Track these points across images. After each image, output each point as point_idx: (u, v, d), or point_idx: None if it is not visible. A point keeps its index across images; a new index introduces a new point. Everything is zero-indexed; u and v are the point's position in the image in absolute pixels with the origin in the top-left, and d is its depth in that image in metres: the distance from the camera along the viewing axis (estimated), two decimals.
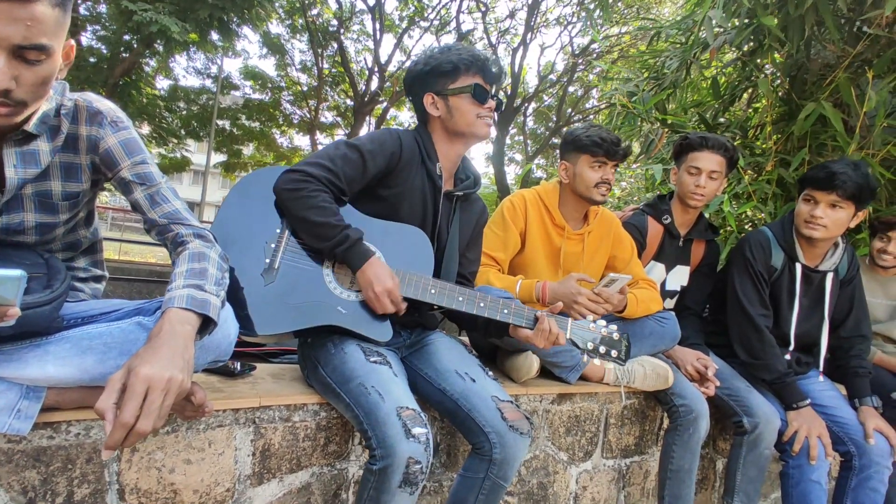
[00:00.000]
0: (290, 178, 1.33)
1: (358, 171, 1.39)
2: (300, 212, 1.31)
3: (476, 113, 1.50)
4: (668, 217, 2.14)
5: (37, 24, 0.86)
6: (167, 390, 0.85)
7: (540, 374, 1.81)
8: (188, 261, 1.08)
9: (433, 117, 1.54)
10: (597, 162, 1.89)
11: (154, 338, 0.90)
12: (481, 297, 1.41)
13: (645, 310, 1.88)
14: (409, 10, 14.93)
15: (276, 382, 1.41)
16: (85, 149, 1.11)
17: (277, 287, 1.31)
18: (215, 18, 8.64)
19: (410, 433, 1.15)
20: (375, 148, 1.42)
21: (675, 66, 3.48)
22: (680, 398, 1.86)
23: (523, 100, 15.66)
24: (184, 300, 0.97)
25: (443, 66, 1.48)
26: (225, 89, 15.61)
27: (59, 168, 1.10)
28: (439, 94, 1.51)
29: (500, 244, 1.91)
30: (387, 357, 1.35)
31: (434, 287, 1.40)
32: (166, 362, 0.86)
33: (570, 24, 14.04)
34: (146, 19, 7.78)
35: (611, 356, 1.46)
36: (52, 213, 1.12)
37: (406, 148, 1.48)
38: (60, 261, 1.14)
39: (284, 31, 15.26)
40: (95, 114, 1.10)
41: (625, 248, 2.04)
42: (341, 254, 1.32)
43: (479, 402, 1.35)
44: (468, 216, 1.65)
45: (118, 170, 1.13)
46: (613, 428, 1.96)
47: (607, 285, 1.72)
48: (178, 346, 0.90)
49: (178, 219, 1.16)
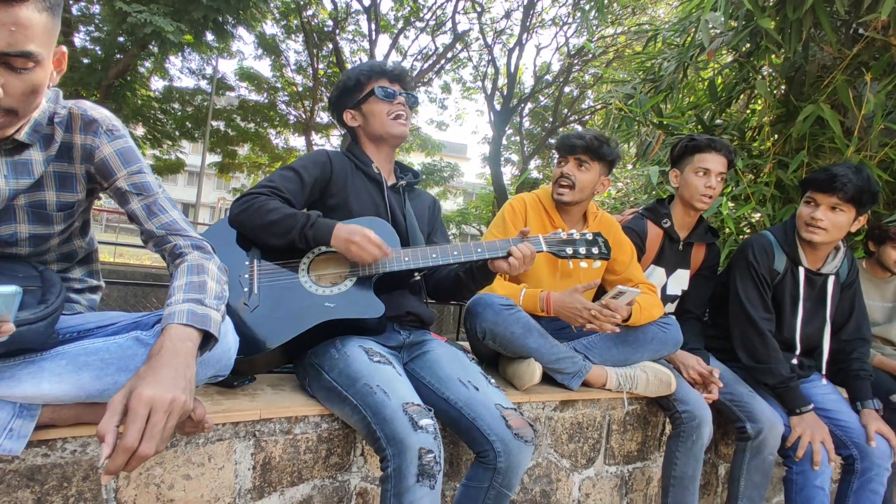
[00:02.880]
0: (238, 203, 1.43)
1: (296, 185, 1.50)
2: (258, 220, 1.38)
3: (387, 111, 1.61)
4: (667, 221, 2.13)
5: (22, 30, 0.83)
6: (170, 412, 0.83)
7: (542, 381, 1.79)
8: (187, 273, 1.06)
9: (356, 129, 1.67)
10: (561, 160, 1.97)
11: (155, 356, 0.88)
12: (452, 247, 1.49)
13: (648, 317, 1.87)
14: (404, 11, 14.89)
15: (276, 394, 1.39)
16: (79, 158, 1.09)
17: (263, 309, 1.35)
18: (210, 19, 8.59)
19: (418, 425, 1.16)
20: (307, 163, 1.55)
21: (672, 68, 3.47)
22: (682, 404, 1.84)
23: (519, 100, 15.65)
24: (184, 316, 0.95)
25: (348, 83, 1.63)
26: (220, 90, 15.53)
27: (53, 178, 1.07)
28: (354, 108, 1.65)
29: None
30: (389, 359, 1.36)
31: (407, 255, 1.46)
32: (168, 383, 0.84)
33: (566, 24, 14.04)
34: (141, 21, 7.73)
35: (594, 254, 1.56)
36: (46, 224, 1.09)
37: (335, 161, 1.60)
38: (56, 273, 1.12)
39: (279, 32, 15.19)
40: (90, 122, 1.07)
41: (624, 252, 2.03)
42: (311, 234, 1.37)
43: (482, 410, 1.33)
44: (419, 204, 1.75)
45: (114, 179, 1.11)
46: (616, 434, 1.94)
47: (615, 297, 1.71)
48: (179, 364, 0.88)
49: (175, 230, 1.14)
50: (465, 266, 1.59)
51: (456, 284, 1.64)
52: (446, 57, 15.21)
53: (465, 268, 1.60)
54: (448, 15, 14.52)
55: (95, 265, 1.34)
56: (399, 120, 1.62)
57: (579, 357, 1.83)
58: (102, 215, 21.45)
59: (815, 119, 2.72)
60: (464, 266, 1.60)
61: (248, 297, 1.36)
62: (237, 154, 17.75)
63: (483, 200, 19.98)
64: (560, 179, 1.94)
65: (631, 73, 4.44)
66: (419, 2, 14.64)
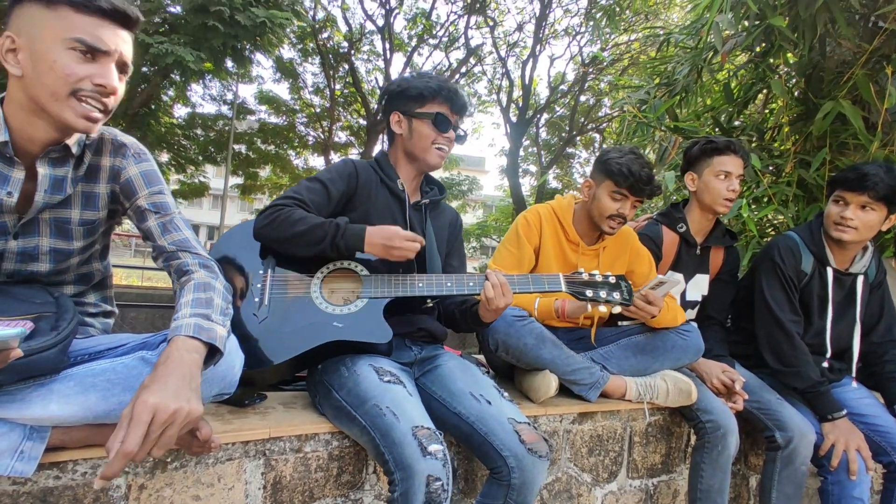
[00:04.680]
0: (263, 215, 1.41)
1: (322, 197, 1.47)
2: (285, 233, 1.36)
3: (433, 140, 1.55)
4: (682, 225, 2.08)
5: (128, 47, 1.04)
6: (171, 422, 0.84)
7: (559, 393, 1.75)
8: (194, 290, 1.07)
9: (396, 136, 1.60)
10: (618, 193, 1.80)
11: (161, 366, 0.89)
12: (468, 278, 1.47)
13: (672, 319, 1.82)
14: (417, 29, 15.10)
15: (287, 412, 1.39)
16: (106, 178, 1.16)
17: (271, 322, 1.35)
18: (229, 46, 8.83)
19: (427, 451, 1.13)
20: (334, 175, 1.52)
21: (686, 71, 3.42)
22: (706, 414, 1.78)
23: (535, 111, 15.66)
24: (191, 328, 0.97)
25: (411, 90, 1.55)
26: (241, 114, 15.90)
27: (80, 197, 1.14)
28: (405, 114, 1.57)
29: (515, 262, 1.88)
30: (400, 377, 1.33)
31: (421, 281, 1.44)
32: (172, 392, 0.85)
33: (579, 34, 14.04)
34: (162, 51, 7.99)
35: (614, 300, 1.49)
36: (66, 239, 1.15)
37: (362, 172, 1.56)
38: (70, 299, 1.14)
39: (297, 56, 15.54)
40: (120, 146, 1.17)
41: (642, 263, 1.98)
42: (342, 242, 1.36)
43: (495, 424, 1.30)
44: (440, 222, 1.70)
45: (136, 199, 1.18)
46: (638, 446, 1.88)
47: (654, 288, 1.64)
48: (184, 374, 0.89)
49: (186, 247, 1.17)
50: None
51: (453, 319, 1.63)
52: (460, 72, 15.33)
53: (460, 305, 1.60)
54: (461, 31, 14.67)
55: (109, 291, 1.37)
56: (440, 152, 1.57)
57: (596, 367, 1.79)
58: (132, 240, 22.04)
59: (837, 115, 2.65)
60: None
61: (258, 308, 1.36)
62: (259, 176, 18.07)
63: (502, 212, 19.95)
64: (614, 217, 1.83)
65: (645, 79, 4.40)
66: (432, 19, 14.84)
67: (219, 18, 8.02)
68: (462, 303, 1.59)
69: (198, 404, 0.88)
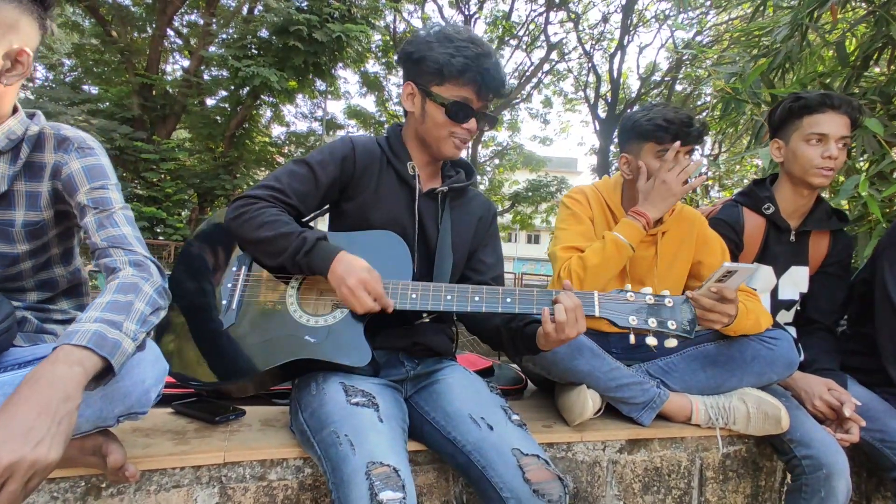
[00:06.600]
0: (234, 206, 1.22)
1: (308, 185, 1.24)
2: (250, 234, 1.16)
3: (449, 130, 1.27)
4: (769, 206, 1.66)
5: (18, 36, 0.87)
6: (9, 475, 0.67)
7: (604, 413, 1.43)
8: (114, 291, 0.92)
9: (409, 112, 1.33)
10: (664, 151, 1.47)
11: (21, 389, 0.73)
12: (475, 290, 1.16)
13: (755, 325, 1.43)
14: (498, 31, 14.92)
15: (260, 432, 1.21)
16: (48, 175, 1.07)
17: (238, 329, 1.16)
18: (310, 63, 9.22)
19: (376, 499, 0.87)
20: (325, 157, 1.28)
21: (785, 33, 2.88)
22: (803, 448, 1.36)
23: (625, 105, 14.81)
24: (86, 337, 0.80)
25: (429, 61, 1.23)
26: (330, 129, 16.64)
27: (23, 197, 1.06)
28: (419, 88, 1.28)
29: (581, 233, 1.55)
30: (375, 398, 1.08)
31: (415, 291, 1.15)
32: (18, 432, 0.68)
33: (670, 17, 13.08)
34: (249, 73, 8.52)
35: (668, 329, 1.10)
36: (9, 243, 1.07)
37: (361, 155, 1.30)
38: (7, 303, 1.04)
39: (381, 70, 15.98)
40: (63, 140, 1.08)
41: (713, 252, 1.60)
42: (304, 261, 1.13)
43: (495, 456, 1.04)
44: (464, 214, 1.39)
45: (77, 195, 1.07)
46: (712, 483, 1.50)
47: (722, 279, 1.23)
48: (46, 403, 0.71)
49: (119, 243, 1.03)
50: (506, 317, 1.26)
51: (497, 337, 1.31)
52: (543, 70, 14.91)
53: (507, 322, 1.27)
54: (541, 28, 14.26)
55: (86, 299, 1.28)
56: (457, 141, 1.30)
57: (651, 383, 1.44)
58: None
59: None
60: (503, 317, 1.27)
61: (225, 312, 1.18)
62: None
63: None
64: None
65: (741, 53, 3.83)
66: (512, 20, 14.58)
67: (298, 38, 8.40)
68: (511, 319, 1.27)
69: (53, 449, 0.69)
